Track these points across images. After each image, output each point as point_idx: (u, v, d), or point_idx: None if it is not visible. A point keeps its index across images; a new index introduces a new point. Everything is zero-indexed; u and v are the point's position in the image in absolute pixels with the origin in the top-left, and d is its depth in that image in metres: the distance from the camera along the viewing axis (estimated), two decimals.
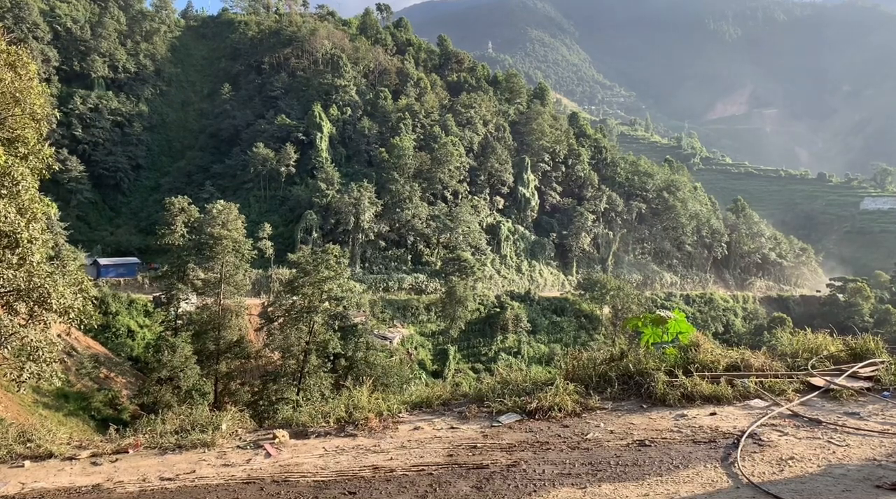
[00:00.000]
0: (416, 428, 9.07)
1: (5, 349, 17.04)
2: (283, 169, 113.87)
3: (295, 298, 58.08)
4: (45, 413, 42.23)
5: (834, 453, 7.35)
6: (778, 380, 9.88)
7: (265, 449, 8.50)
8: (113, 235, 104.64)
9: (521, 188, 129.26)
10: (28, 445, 8.98)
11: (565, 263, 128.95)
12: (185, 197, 77.20)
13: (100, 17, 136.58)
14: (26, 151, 17.32)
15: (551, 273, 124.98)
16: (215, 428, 9.28)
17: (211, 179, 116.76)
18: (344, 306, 63.91)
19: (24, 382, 18.10)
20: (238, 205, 76.92)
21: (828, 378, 9.87)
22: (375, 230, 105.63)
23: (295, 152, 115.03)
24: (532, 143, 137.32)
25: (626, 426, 8.61)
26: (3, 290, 16.45)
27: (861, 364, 10.34)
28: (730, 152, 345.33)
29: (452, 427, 9.01)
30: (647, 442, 7.97)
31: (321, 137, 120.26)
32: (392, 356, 67.92)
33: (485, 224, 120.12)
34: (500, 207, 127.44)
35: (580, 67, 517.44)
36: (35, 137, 17.73)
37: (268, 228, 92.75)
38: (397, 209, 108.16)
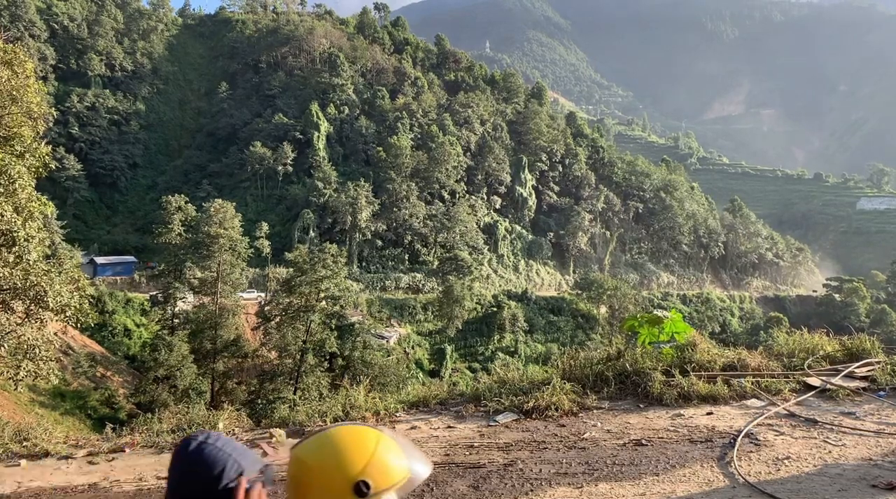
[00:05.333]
0: (413, 427, 9.08)
1: (2, 348, 17.00)
2: (280, 168, 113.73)
3: (292, 297, 58.05)
4: (41, 412, 42.13)
5: (830, 452, 7.37)
6: (774, 380, 9.90)
7: (262, 448, 8.49)
8: (110, 234, 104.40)
9: (518, 188, 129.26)
10: (24, 444, 8.97)
11: (562, 263, 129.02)
12: (182, 196, 76.97)
13: (97, 15, 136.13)
14: (22, 149, 17.26)
15: (548, 273, 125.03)
16: (212, 427, 9.29)
17: (208, 177, 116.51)
18: (341, 305, 63.83)
19: (20, 380, 18.07)
20: (235, 203, 76.49)
21: (824, 378, 9.89)
22: (372, 229, 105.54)
23: (292, 151, 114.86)
24: (529, 142, 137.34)
25: (622, 426, 8.62)
26: None
27: (857, 364, 10.37)
28: (727, 152, 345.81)
29: (449, 426, 9.02)
30: (643, 441, 7.98)
31: (318, 136, 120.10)
32: (389, 355, 67.88)
33: (482, 224, 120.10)
34: (498, 206, 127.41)
35: (578, 67, 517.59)
36: (31, 135, 17.67)
37: (265, 226, 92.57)
38: (395, 208, 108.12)
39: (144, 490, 7.32)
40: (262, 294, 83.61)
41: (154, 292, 70.90)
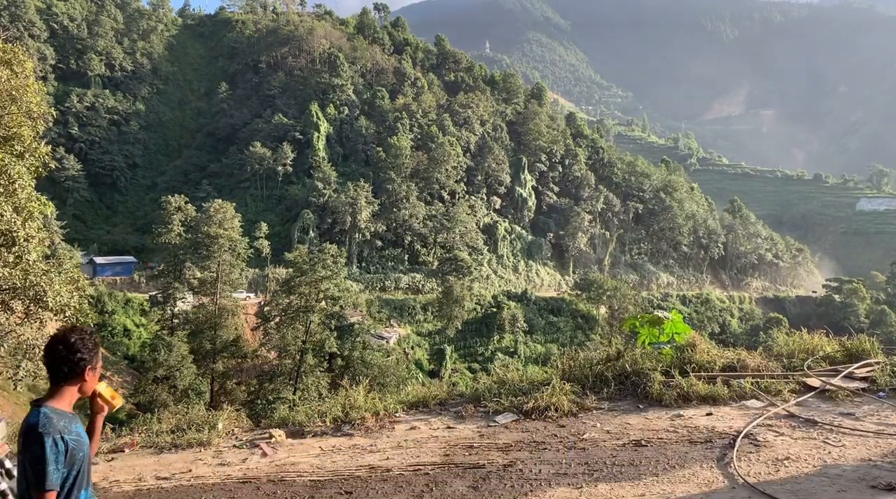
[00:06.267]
0: (413, 428, 9.08)
1: (2, 348, 17.00)
2: (280, 168, 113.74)
3: (291, 297, 58.04)
4: None
5: (829, 453, 7.37)
6: (774, 380, 9.90)
7: (261, 448, 8.49)
8: (109, 234, 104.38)
9: (518, 188, 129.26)
10: None
11: (562, 263, 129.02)
12: (182, 196, 77.05)
13: (96, 16, 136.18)
14: (22, 149, 17.24)
15: (548, 273, 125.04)
16: (211, 427, 9.29)
17: (208, 177, 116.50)
18: (340, 306, 63.88)
19: (20, 380, 18.08)
20: (235, 204, 76.55)
21: (823, 379, 9.89)
22: (372, 230, 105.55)
23: (292, 151, 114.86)
24: (529, 143, 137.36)
25: (622, 426, 8.62)
26: None
27: (857, 365, 10.37)
28: (726, 153, 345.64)
29: (449, 427, 9.01)
30: (643, 442, 7.98)
31: (318, 137, 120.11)
32: (389, 356, 67.84)
33: (482, 224, 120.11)
34: (497, 207, 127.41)
35: (577, 67, 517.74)
36: (31, 135, 17.65)
37: (264, 227, 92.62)
38: (394, 209, 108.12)
39: (144, 491, 7.31)
40: (252, 294, 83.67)
41: (154, 292, 70.95)
